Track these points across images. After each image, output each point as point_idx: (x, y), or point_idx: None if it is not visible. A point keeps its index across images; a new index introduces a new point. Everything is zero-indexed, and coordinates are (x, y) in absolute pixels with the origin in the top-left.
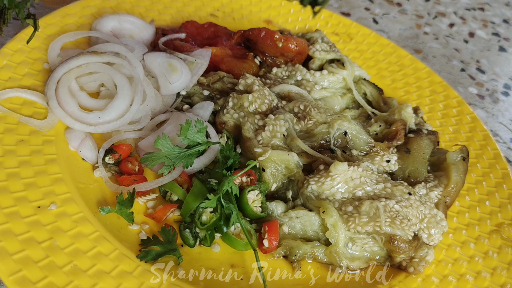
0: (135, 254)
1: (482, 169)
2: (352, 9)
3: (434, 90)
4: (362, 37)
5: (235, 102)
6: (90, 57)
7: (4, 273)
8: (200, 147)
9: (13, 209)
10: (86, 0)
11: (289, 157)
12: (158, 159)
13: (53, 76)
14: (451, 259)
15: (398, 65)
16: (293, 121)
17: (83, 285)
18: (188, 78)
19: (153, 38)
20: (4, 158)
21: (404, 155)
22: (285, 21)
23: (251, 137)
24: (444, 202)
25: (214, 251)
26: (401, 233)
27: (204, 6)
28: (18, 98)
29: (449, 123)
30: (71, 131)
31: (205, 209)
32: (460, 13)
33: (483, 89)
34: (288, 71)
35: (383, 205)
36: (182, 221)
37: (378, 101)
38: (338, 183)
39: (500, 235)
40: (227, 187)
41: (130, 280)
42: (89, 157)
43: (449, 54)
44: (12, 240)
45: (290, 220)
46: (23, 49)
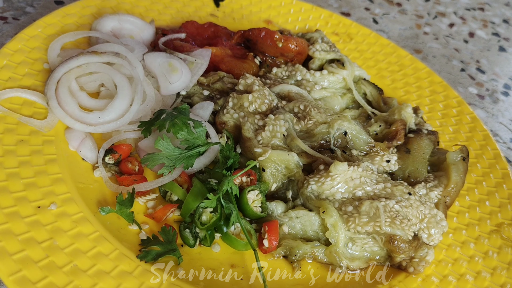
0: (135, 254)
1: (482, 169)
2: (352, 9)
3: (434, 90)
4: (362, 37)
5: (235, 102)
6: (90, 57)
7: (4, 273)
8: (200, 149)
9: (13, 209)
10: (86, 0)
11: (289, 157)
12: (159, 160)
13: (53, 76)
14: (451, 259)
15: (398, 65)
16: (293, 121)
17: (83, 285)
18: (188, 78)
19: (153, 38)
20: (4, 158)
21: (404, 155)
22: (285, 21)
23: (251, 137)
24: (444, 202)
25: (214, 251)
26: (401, 233)
27: (204, 6)
28: (18, 98)
29: (449, 123)
30: (71, 131)
31: (205, 209)
32: (460, 13)
33: (483, 89)
34: (288, 71)
35: (383, 205)
36: (182, 221)
37: (378, 101)
38: (338, 183)
39: (500, 235)
40: (227, 187)
41: (130, 280)
42: (89, 157)
43: (449, 54)
44: (12, 240)
45: (290, 220)
46: (23, 49)
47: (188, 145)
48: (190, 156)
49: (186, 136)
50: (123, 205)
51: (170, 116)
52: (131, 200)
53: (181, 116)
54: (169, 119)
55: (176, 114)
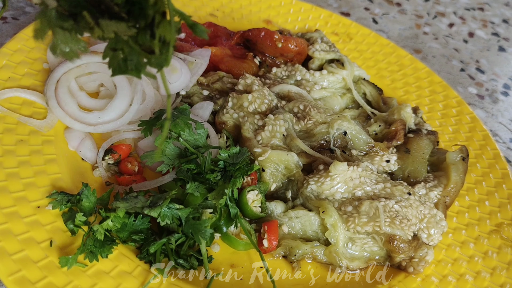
0: (135, 254)
1: (482, 169)
2: (352, 9)
3: (433, 90)
4: (361, 37)
5: (234, 102)
6: (90, 57)
7: (4, 273)
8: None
9: (12, 209)
10: None
11: (288, 157)
12: (158, 158)
13: (53, 76)
14: (451, 259)
15: (398, 65)
16: (293, 121)
17: (83, 285)
18: (187, 78)
19: None
20: (4, 158)
21: (404, 155)
22: (284, 21)
23: (250, 137)
24: (444, 202)
25: (213, 251)
26: (400, 233)
27: (203, 6)
28: (18, 98)
29: (448, 123)
30: (71, 131)
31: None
32: (460, 13)
33: (483, 89)
34: (287, 71)
35: (382, 205)
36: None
37: (378, 101)
38: (338, 183)
39: (499, 235)
40: (233, 187)
41: (130, 280)
42: (88, 157)
43: (448, 54)
44: (12, 240)
45: (290, 220)
46: (23, 49)
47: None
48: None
49: (187, 136)
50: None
51: (171, 116)
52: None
53: (182, 116)
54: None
55: (177, 114)
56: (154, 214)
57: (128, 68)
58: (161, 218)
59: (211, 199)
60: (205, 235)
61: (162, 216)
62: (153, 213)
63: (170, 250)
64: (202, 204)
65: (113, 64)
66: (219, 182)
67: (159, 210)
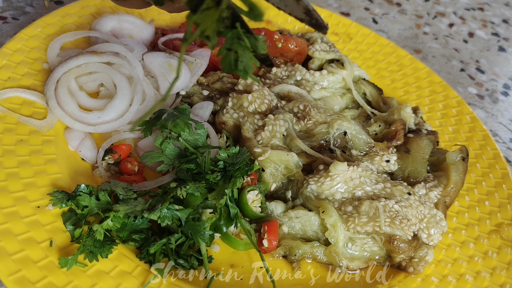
0: (135, 254)
1: (482, 169)
2: (352, 9)
3: (433, 90)
4: (361, 37)
5: (234, 102)
6: (90, 57)
7: (4, 273)
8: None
9: (12, 209)
10: (86, 0)
11: (288, 157)
12: (158, 157)
13: (53, 76)
14: (451, 259)
15: (398, 65)
16: (293, 121)
17: (83, 285)
18: (187, 78)
19: (152, 38)
20: (4, 158)
21: (404, 155)
22: (284, 21)
23: (250, 137)
24: (444, 202)
25: (213, 251)
26: (400, 233)
27: None
28: (18, 98)
29: (448, 123)
30: (71, 131)
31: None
32: (460, 13)
33: (483, 89)
34: (287, 71)
35: (382, 205)
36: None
37: (378, 101)
38: (338, 183)
39: (499, 235)
40: (233, 187)
41: (130, 280)
42: (88, 157)
43: (448, 54)
44: (12, 240)
45: (290, 220)
46: (23, 49)
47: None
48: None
49: (187, 136)
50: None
51: (171, 116)
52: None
53: (182, 116)
54: (170, 119)
55: (177, 114)
56: (154, 217)
57: (238, 68)
58: (161, 220)
59: (211, 199)
60: (204, 237)
61: (162, 217)
62: (153, 216)
63: (170, 250)
64: (202, 204)
65: (225, 62)
66: (219, 182)
67: (158, 213)
